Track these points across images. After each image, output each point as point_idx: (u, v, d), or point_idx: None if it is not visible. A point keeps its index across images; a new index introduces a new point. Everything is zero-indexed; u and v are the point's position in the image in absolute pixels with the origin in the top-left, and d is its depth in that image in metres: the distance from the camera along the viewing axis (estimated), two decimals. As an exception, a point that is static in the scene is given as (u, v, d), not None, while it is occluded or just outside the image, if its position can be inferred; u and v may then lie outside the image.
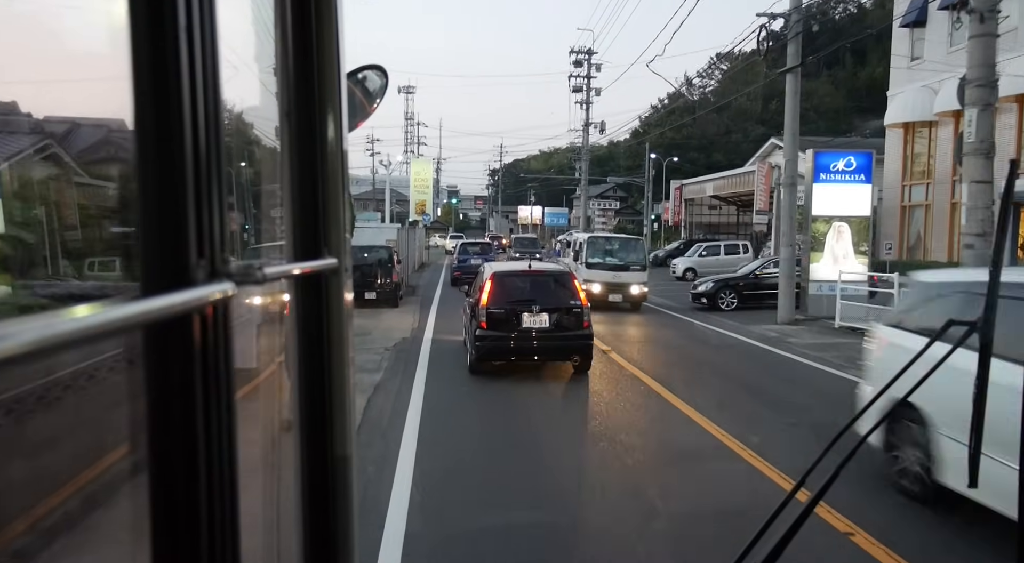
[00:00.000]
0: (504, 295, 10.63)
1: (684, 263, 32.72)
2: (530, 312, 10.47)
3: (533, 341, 10.50)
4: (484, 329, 10.42)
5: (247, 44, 1.10)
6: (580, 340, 10.59)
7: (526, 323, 10.46)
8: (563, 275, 11.39)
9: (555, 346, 10.62)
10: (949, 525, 5.50)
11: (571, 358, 10.78)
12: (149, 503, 0.65)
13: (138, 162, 0.63)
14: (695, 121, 56.07)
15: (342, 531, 1.14)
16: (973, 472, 1.37)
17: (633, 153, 63.43)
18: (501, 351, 10.54)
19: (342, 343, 1.14)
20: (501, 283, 10.79)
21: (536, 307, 10.50)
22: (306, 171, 1.09)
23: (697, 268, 30.90)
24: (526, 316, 10.45)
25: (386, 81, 2.40)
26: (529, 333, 10.47)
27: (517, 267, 11.75)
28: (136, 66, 0.62)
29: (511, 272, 11.34)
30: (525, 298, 10.67)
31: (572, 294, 10.83)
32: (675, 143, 57.28)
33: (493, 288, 10.63)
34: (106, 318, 0.54)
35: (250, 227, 1.30)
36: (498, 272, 11.11)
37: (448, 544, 5.18)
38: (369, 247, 19.45)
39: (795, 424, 8.30)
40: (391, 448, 7.16)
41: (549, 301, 10.62)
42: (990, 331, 1.31)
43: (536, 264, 11.96)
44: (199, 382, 0.65)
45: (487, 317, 10.43)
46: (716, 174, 42.04)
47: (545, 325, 10.48)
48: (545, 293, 10.79)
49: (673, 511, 5.73)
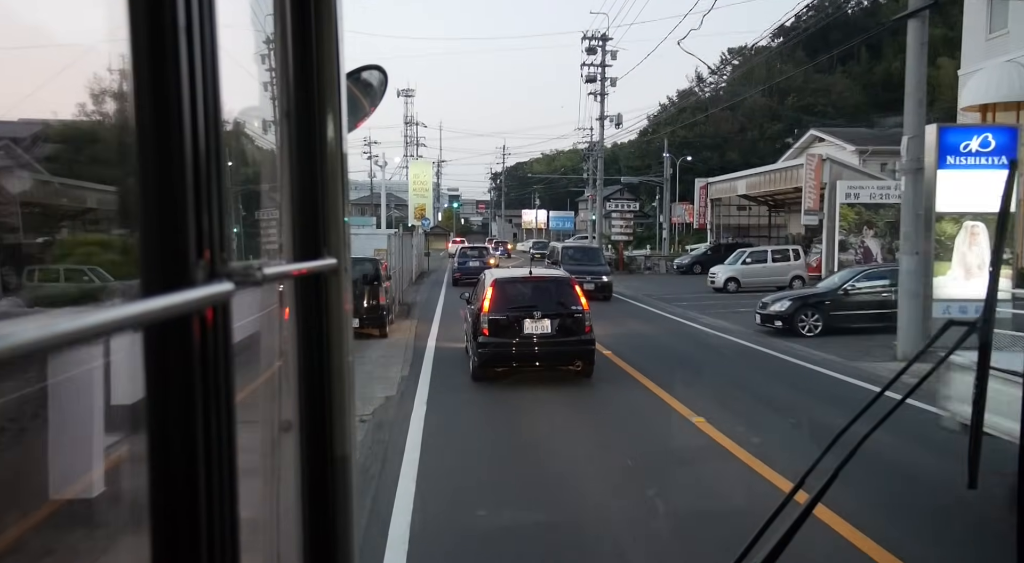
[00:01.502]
0: (506, 302, 10.59)
1: (725, 272, 27.08)
2: (532, 318, 10.41)
3: (535, 347, 10.43)
4: (486, 336, 10.37)
5: (247, 44, 1.10)
6: (582, 345, 10.54)
7: (528, 329, 10.40)
8: (564, 281, 11.30)
9: (557, 351, 10.56)
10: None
11: (573, 363, 10.72)
12: (149, 502, 0.65)
13: (138, 162, 0.63)
14: (708, 118, 53.83)
15: (342, 531, 1.14)
16: (973, 472, 1.37)
17: (641, 153, 61.51)
18: (504, 357, 10.49)
19: (342, 343, 1.14)
20: (503, 290, 10.76)
21: (538, 313, 10.43)
22: (306, 171, 1.09)
23: (740, 278, 26.47)
24: (528, 322, 10.40)
25: (386, 81, 2.40)
26: (531, 339, 10.40)
27: (518, 274, 11.71)
28: (136, 66, 0.62)
29: (512, 279, 11.30)
30: (527, 304, 10.61)
31: (574, 299, 10.75)
32: (687, 142, 54.79)
33: (495, 295, 10.60)
34: (106, 318, 0.54)
35: (250, 227, 1.31)
36: (499, 279, 11.06)
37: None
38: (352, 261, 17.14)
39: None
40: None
41: (551, 307, 10.55)
42: (990, 331, 1.31)
43: (537, 270, 11.91)
44: (199, 382, 0.65)
45: (489, 324, 10.38)
46: (750, 170, 37.55)
47: (547, 331, 10.42)
48: (546, 299, 10.72)
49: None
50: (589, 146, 49.41)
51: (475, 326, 10.73)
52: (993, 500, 5.18)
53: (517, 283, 11.11)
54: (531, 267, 12.16)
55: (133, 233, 0.66)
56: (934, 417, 6.58)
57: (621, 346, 13.96)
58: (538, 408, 9.69)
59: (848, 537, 5.15)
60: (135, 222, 0.64)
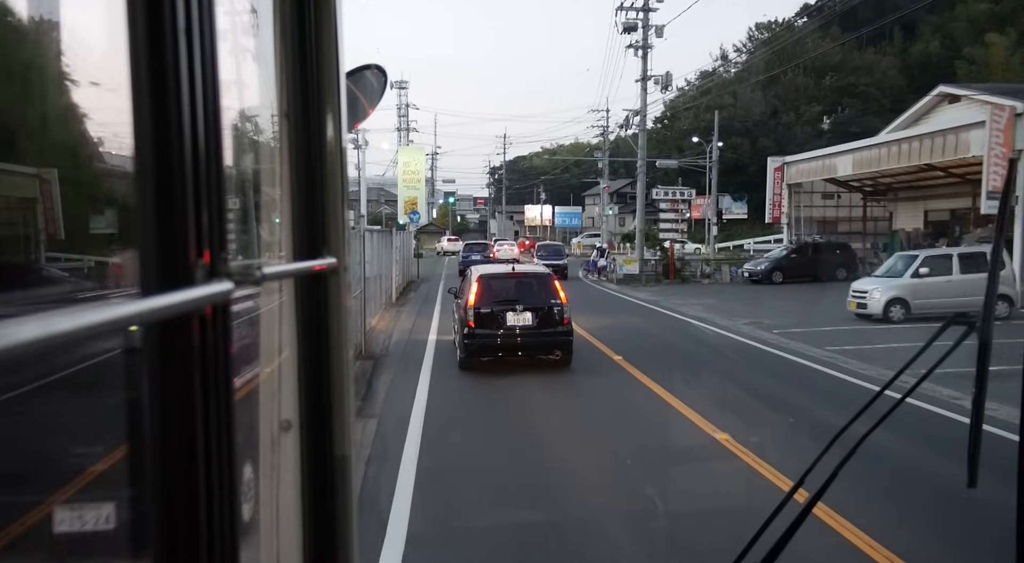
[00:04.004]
0: (490, 296, 11.27)
1: (886, 290, 17.52)
2: (514, 311, 11.10)
3: (518, 338, 11.11)
4: (472, 328, 11.02)
5: (247, 44, 1.10)
6: (561, 336, 11.29)
7: (511, 321, 11.09)
8: (544, 276, 12.08)
9: (538, 342, 11.26)
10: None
11: (553, 353, 11.39)
12: (149, 502, 0.65)
13: (138, 162, 0.63)
14: (736, 101, 48.46)
15: (342, 531, 1.14)
16: (972, 472, 1.37)
17: (660, 140, 54.57)
18: (489, 348, 11.10)
19: (342, 343, 1.14)
20: (487, 285, 11.45)
21: (520, 306, 11.15)
22: (305, 171, 1.09)
23: (911, 298, 17.27)
24: (510, 315, 11.08)
25: (386, 81, 2.41)
26: (514, 331, 11.10)
27: (501, 270, 12.54)
28: (135, 66, 0.62)
29: (496, 274, 12.09)
30: (510, 298, 11.33)
31: (553, 293, 11.50)
32: (713, 127, 48.09)
33: (480, 289, 11.26)
34: (106, 318, 0.54)
35: (250, 227, 1.30)
36: (484, 274, 11.80)
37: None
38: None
39: None
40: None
41: (531, 301, 11.30)
42: (989, 330, 1.31)
43: (519, 266, 12.82)
44: (199, 382, 0.65)
45: (475, 317, 11.01)
46: (858, 143, 27.61)
47: (528, 323, 11.13)
48: (528, 293, 11.47)
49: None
50: (603, 131, 44.46)
51: (462, 319, 11.36)
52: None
53: (500, 279, 11.87)
54: (513, 264, 13.07)
55: (133, 233, 0.66)
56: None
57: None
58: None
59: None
60: (135, 222, 0.64)
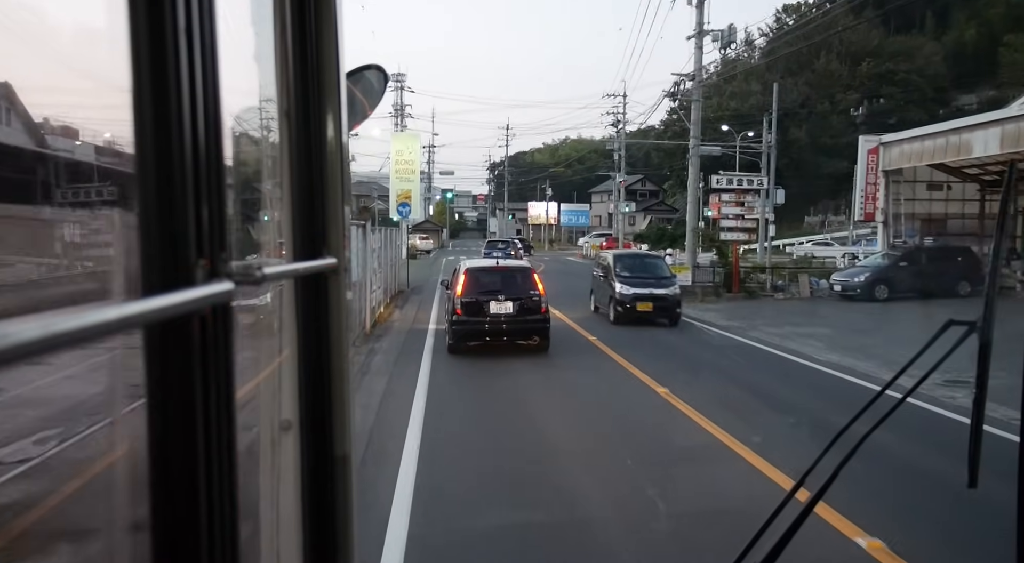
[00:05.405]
0: (476, 287, 12.57)
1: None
2: (497, 300, 12.40)
3: (501, 324, 12.44)
4: (459, 316, 12.34)
5: (247, 44, 1.10)
6: (539, 323, 12.65)
7: (494, 310, 12.40)
8: (525, 270, 13.62)
9: (518, 328, 12.56)
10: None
11: (531, 338, 12.69)
12: (149, 502, 0.65)
13: (138, 162, 0.63)
14: (764, 88, 43.54)
15: (342, 531, 1.14)
16: (973, 471, 1.37)
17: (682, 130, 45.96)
18: (474, 333, 12.41)
19: (342, 343, 1.14)
20: (474, 277, 12.78)
21: (502, 296, 12.44)
22: (306, 171, 1.09)
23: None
24: (493, 304, 12.38)
25: (386, 81, 2.41)
26: (497, 318, 12.42)
27: (487, 263, 14.25)
28: (136, 66, 0.62)
29: (482, 268, 13.52)
30: (493, 289, 12.59)
31: (532, 286, 12.79)
32: (738, 114, 44.29)
33: (466, 281, 12.60)
34: (106, 318, 0.54)
35: (250, 227, 1.30)
36: (471, 268, 13.15)
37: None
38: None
39: None
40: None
41: (513, 291, 12.60)
42: (989, 331, 1.31)
43: (503, 261, 14.56)
44: (199, 382, 0.65)
45: (462, 305, 12.31)
46: (1000, 112, 21.08)
47: (510, 311, 12.45)
48: (510, 285, 12.75)
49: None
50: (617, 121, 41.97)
51: (451, 307, 12.64)
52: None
53: (486, 271, 13.26)
54: (498, 258, 14.84)
55: (133, 233, 0.66)
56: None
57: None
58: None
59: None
60: (135, 222, 0.64)
